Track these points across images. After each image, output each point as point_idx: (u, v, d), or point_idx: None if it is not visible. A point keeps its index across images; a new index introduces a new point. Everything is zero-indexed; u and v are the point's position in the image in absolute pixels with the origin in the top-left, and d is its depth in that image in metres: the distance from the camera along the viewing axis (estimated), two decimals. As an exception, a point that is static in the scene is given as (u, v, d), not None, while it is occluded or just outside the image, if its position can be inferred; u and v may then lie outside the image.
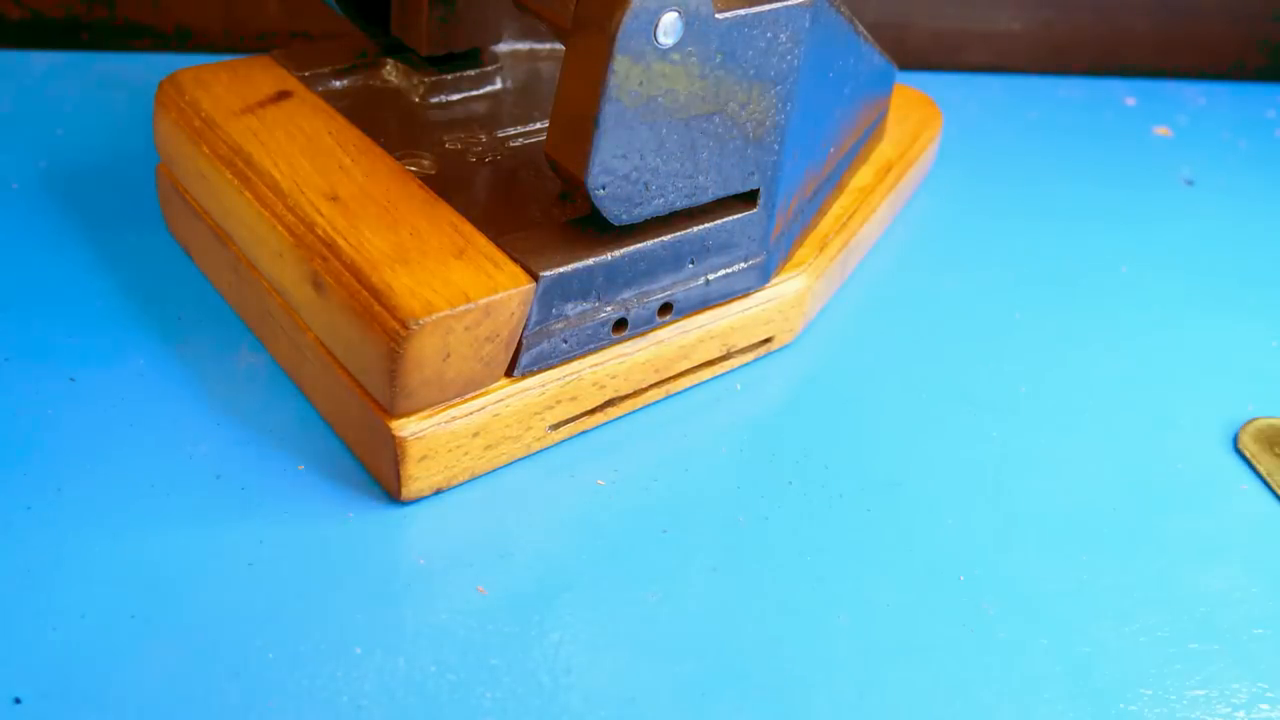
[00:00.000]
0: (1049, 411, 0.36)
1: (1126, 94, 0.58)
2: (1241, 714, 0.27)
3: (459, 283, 0.28)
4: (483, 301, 0.28)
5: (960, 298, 0.41)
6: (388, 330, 0.27)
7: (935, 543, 0.30)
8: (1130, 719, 0.26)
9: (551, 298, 0.29)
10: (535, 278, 0.29)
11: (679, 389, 0.34)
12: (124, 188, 0.40)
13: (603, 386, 0.32)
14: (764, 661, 0.27)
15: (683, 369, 0.34)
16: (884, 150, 0.43)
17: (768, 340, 0.36)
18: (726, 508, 0.31)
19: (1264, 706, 0.27)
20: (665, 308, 0.32)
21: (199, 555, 0.28)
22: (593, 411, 0.32)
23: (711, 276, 0.33)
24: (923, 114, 0.47)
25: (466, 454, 0.30)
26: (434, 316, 0.27)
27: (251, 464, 0.30)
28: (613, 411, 0.33)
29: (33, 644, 0.25)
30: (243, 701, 0.24)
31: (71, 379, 0.32)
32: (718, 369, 0.35)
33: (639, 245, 0.31)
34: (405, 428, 0.28)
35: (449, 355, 0.28)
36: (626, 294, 0.31)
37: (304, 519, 0.29)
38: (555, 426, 0.31)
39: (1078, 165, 0.51)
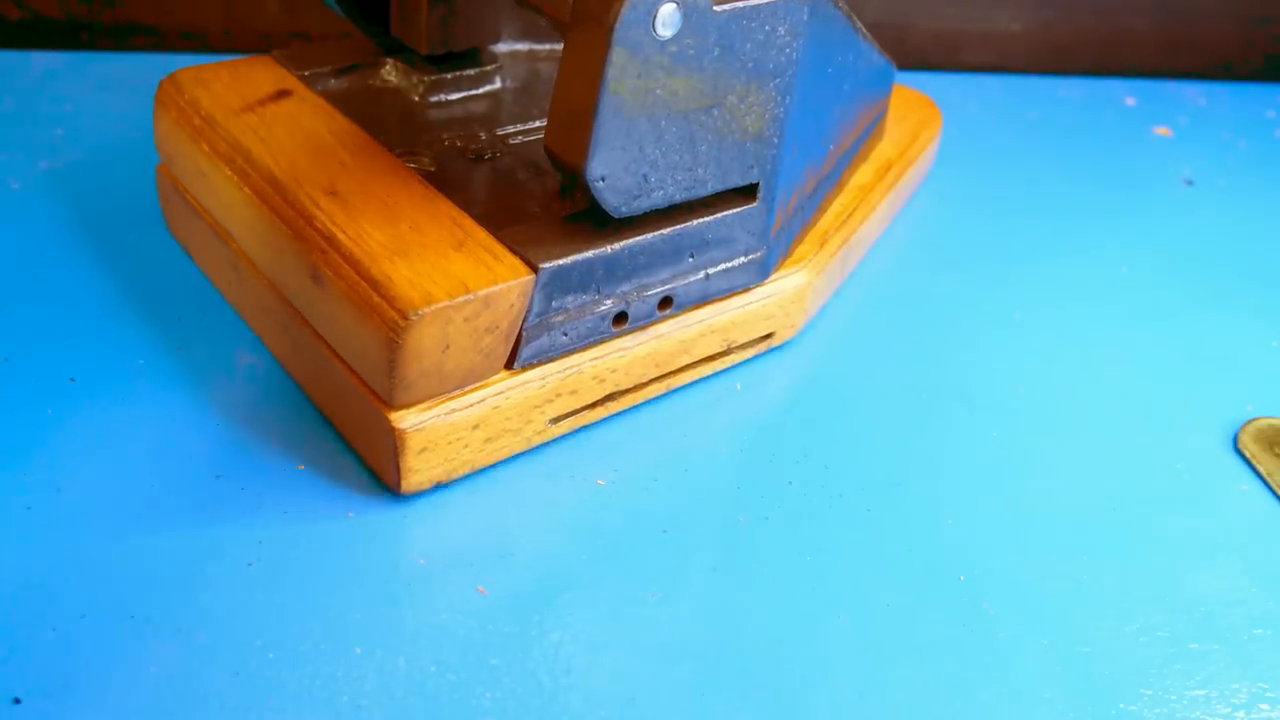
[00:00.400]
0: (1049, 411, 0.36)
1: (1126, 94, 0.58)
2: (1241, 714, 0.27)
3: (458, 274, 0.28)
4: (482, 293, 0.28)
5: (960, 298, 0.41)
6: (387, 321, 0.27)
7: (935, 543, 0.30)
8: (1130, 719, 0.26)
9: (551, 290, 0.29)
10: (535, 269, 0.29)
11: (680, 384, 0.34)
12: (124, 188, 0.40)
13: (603, 380, 0.32)
14: (764, 661, 0.27)
15: (683, 364, 0.34)
16: (883, 149, 0.43)
17: (768, 336, 0.36)
18: (726, 508, 0.31)
19: (1264, 706, 0.27)
20: (665, 302, 0.32)
21: (199, 555, 0.28)
22: (593, 405, 0.32)
23: (711, 270, 0.33)
24: (922, 114, 0.47)
25: (466, 446, 0.30)
26: (433, 307, 0.27)
27: (251, 464, 0.30)
28: (613, 406, 0.33)
29: (33, 644, 0.25)
30: (243, 701, 0.24)
31: (71, 379, 0.32)
32: (718, 364, 0.35)
33: (638, 238, 0.31)
34: (405, 419, 0.28)
35: (448, 346, 0.28)
36: (626, 287, 0.31)
37: (304, 519, 0.29)
38: (556, 420, 0.31)
39: (1078, 165, 0.51)
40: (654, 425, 0.33)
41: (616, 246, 0.30)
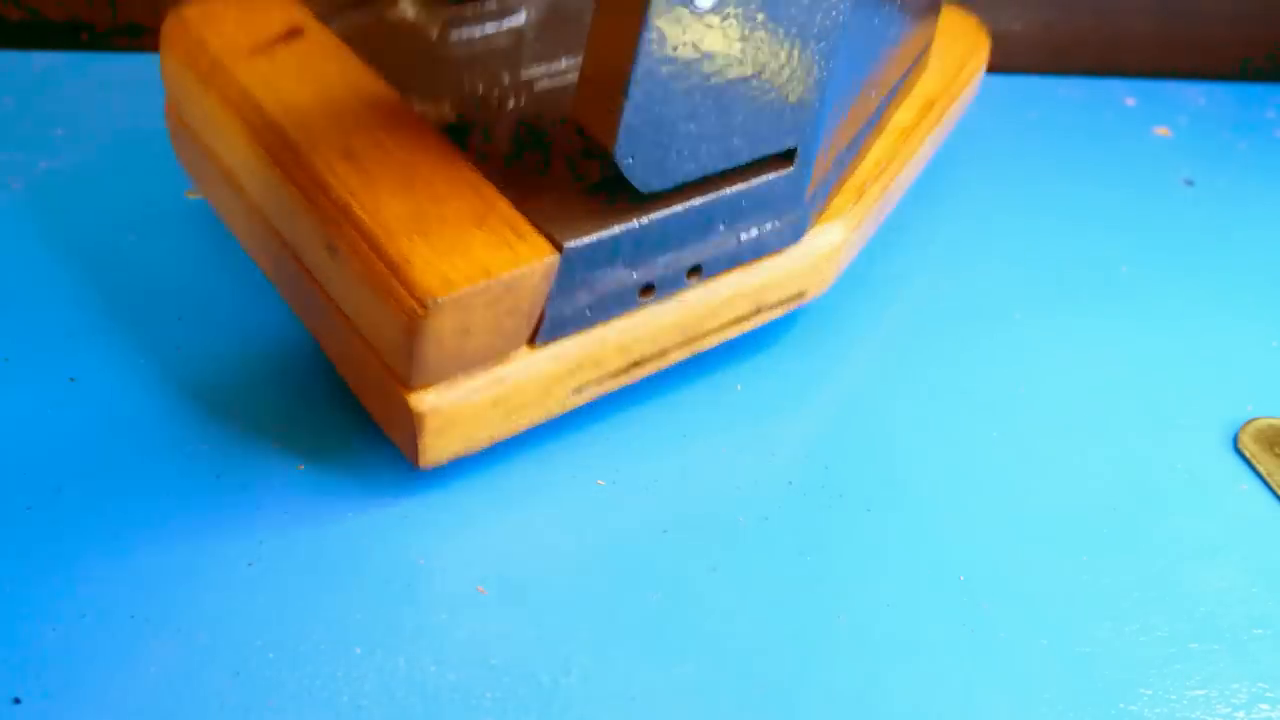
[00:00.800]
0: (1049, 411, 0.35)
1: (1126, 94, 0.58)
2: (1241, 714, 0.27)
3: (480, 257, 0.27)
4: (505, 277, 0.26)
5: (959, 297, 0.41)
6: (405, 309, 0.26)
7: (935, 543, 0.30)
8: (1130, 719, 0.26)
9: (576, 269, 0.28)
10: (559, 248, 0.27)
11: (706, 348, 0.33)
12: (125, 187, 0.40)
13: (628, 350, 0.31)
14: (764, 661, 0.27)
15: (710, 328, 0.32)
16: (926, 84, 0.41)
17: (799, 294, 0.34)
18: (726, 508, 0.31)
19: (1264, 706, 0.27)
20: (694, 270, 0.31)
21: (199, 555, 0.28)
22: (616, 374, 0.31)
23: (743, 238, 0.31)
24: (969, 41, 0.44)
25: (487, 424, 0.29)
26: (453, 295, 0.26)
27: (251, 464, 0.30)
28: (638, 373, 0.32)
29: (33, 644, 0.25)
30: (243, 701, 0.24)
31: (71, 379, 0.32)
32: (746, 325, 0.34)
33: (668, 210, 0.29)
34: (423, 401, 0.27)
35: (469, 331, 0.27)
36: (655, 260, 0.30)
37: (304, 519, 0.29)
38: (578, 390, 0.30)
39: (1078, 165, 0.51)
40: (654, 425, 0.33)
41: (645, 220, 0.29)
